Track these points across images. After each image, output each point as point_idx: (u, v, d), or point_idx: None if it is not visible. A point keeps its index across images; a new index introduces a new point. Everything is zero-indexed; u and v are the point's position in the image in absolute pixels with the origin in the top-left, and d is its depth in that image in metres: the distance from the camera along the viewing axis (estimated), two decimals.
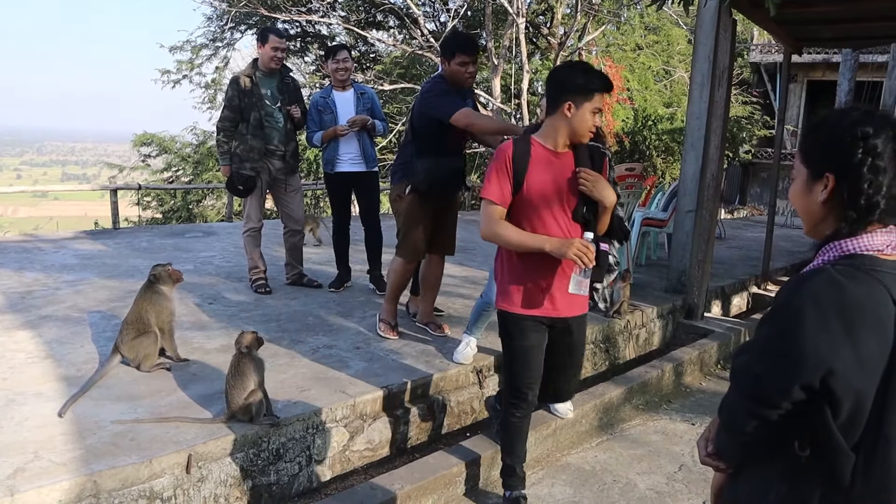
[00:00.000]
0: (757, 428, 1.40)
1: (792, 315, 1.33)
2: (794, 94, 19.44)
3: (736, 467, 1.55)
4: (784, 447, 1.40)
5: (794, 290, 1.35)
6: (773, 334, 1.37)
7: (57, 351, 3.99)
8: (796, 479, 1.39)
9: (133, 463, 2.75)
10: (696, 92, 5.90)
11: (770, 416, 1.37)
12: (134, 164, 20.17)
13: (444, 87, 4.12)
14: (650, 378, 4.61)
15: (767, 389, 1.36)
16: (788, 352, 1.32)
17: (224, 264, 6.59)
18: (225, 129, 5.32)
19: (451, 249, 4.63)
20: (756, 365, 1.39)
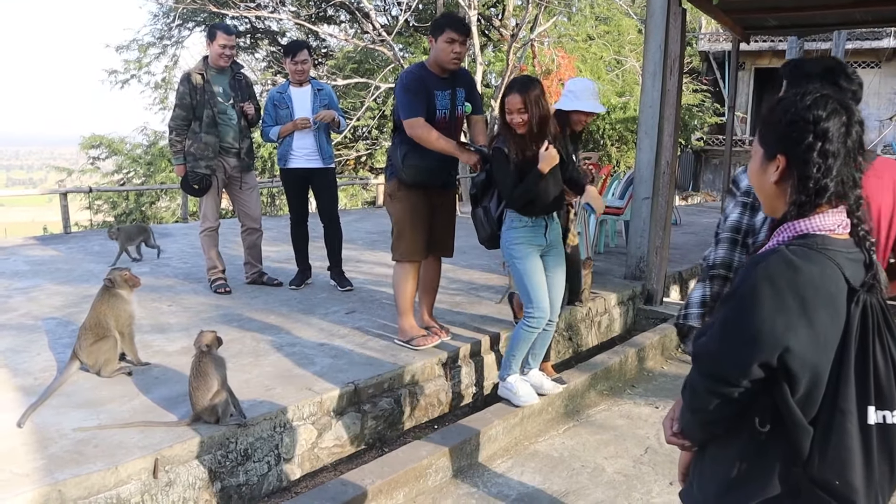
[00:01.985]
0: (718, 406, 1.44)
1: (748, 295, 1.36)
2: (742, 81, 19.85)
3: (701, 446, 1.59)
4: (745, 424, 1.44)
5: (750, 271, 1.38)
6: (731, 315, 1.40)
7: (12, 360, 3.89)
8: (757, 455, 1.43)
9: (98, 470, 2.70)
10: (648, 81, 5.99)
11: (730, 394, 1.40)
12: (83, 167, 19.65)
13: (412, 79, 4.02)
14: (613, 364, 4.68)
15: (727, 368, 1.39)
16: (745, 331, 1.36)
17: (181, 265, 6.49)
18: (178, 128, 5.23)
19: (449, 251, 4.50)
20: (715, 345, 1.43)
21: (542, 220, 3.77)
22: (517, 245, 3.75)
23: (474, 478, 3.42)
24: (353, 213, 11.46)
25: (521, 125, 3.55)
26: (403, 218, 4.21)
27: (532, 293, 3.75)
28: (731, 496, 1.46)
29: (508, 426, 3.74)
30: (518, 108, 3.52)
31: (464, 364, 4.33)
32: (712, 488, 1.51)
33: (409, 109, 3.99)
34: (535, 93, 3.52)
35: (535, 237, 3.77)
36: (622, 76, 18.27)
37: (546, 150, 3.57)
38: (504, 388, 3.96)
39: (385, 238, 8.14)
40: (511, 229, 3.76)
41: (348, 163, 18.10)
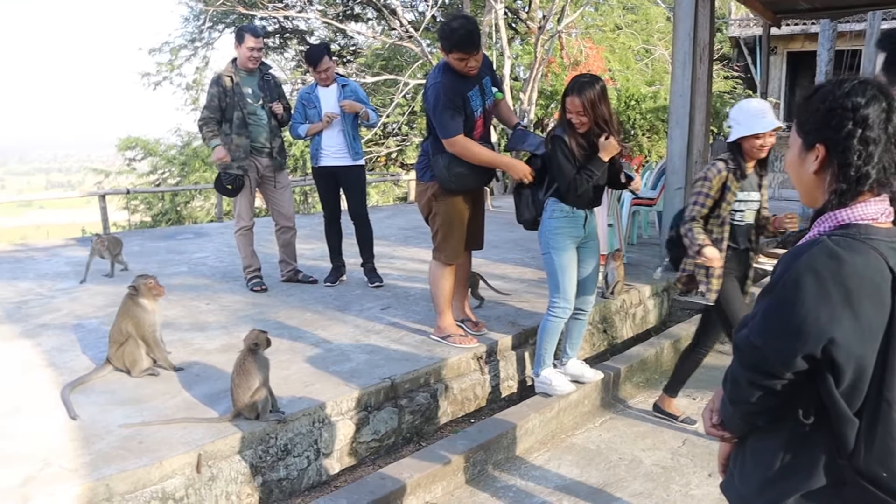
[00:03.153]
0: (760, 398, 1.43)
1: (790, 287, 1.34)
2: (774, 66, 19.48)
3: (741, 437, 1.58)
4: (788, 416, 1.42)
5: (792, 263, 1.36)
6: (773, 307, 1.39)
7: (57, 359, 3.99)
8: (801, 446, 1.42)
9: (144, 465, 2.77)
10: (678, 70, 5.93)
11: (773, 386, 1.39)
12: (119, 169, 20.01)
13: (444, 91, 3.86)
14: (649, 355, 4.65)
15: (770, 361, 1.38)
16: (789, 323, 1.34)
17: (218, 264, 6.59)
18: (206, 121, 5.31)
19: (481, 243, 4.51)
20: (757, 337, 1.41)
21: (582, 213, 3.80)
22: (556, 235, 3.78)
23: (511, 471, 3.43)
24: (384, 210, 11.52)
25: (581, 126, 3.61)
26: (450, 219, 4.16)
27: (561, 283, 3.80)
28: (774, 488, 1.45)
29: (545, 419, 3.75)
30: (577, 111, 3.57)
31: (499, 358, 4.34)
32: (755, 480, 1.50)
33: (448, 128, 3.89)
34: (594, 94, 3.54)
35: (575, 228, 3.79)
36: (651, 65, 18.07)
37: (607, 140, 3.62)
38: (539, 383, 3.98)
39: (417, 234, 8.19)
40: (552, 219, 3.79)
41: (379, 159, 18.18)
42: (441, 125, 3.91)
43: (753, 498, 1.50)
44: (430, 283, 4.35)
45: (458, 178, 4.01)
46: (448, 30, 3.83)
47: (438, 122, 3.92)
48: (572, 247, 3.81)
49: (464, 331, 4.36)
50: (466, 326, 4.46)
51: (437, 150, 4.03)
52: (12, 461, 2.78)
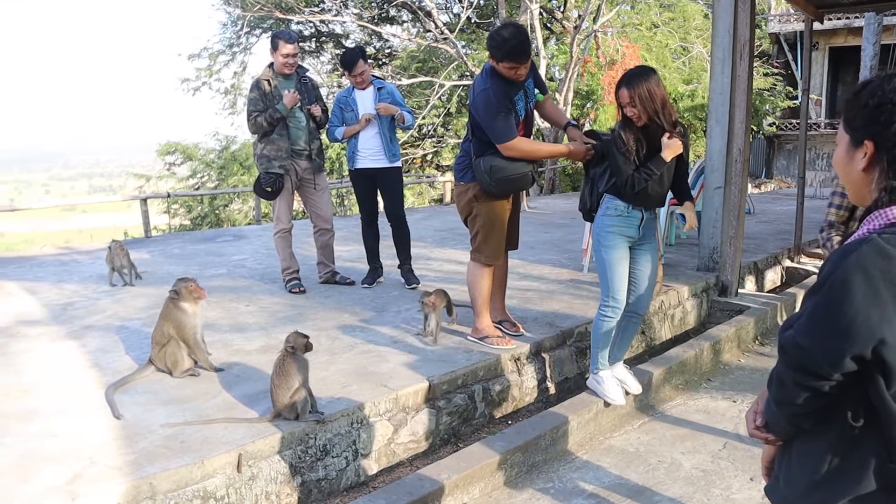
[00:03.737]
0: (807, 400, 1.40)
1: (839, 286, 1.31)
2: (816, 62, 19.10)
3: (786, 440, 1.55)
4: (836, 418, 1.39)
5: (841, 262, 1.33)
6: (821, 306, 1.35)
7: (102, 359, 4.08)
8: (850, 449, 1.38)
9: (186, 464, 2.81)
10: (717, 67, 5.84)
11: (820, 387, 1.36)
12: (159, 173, 20.40)
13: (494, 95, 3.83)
14: (688, 357, 4.59)
15: (817, 361, 1.35)
16: (837, 323, 1.31)
17: (256, 266, 6.68)
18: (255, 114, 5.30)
19: (516, 244, 4.51)
20: (804, 338, 1.38)
21: (638, 212, 3.65)
22: (608, 233, 3.67)
23: (549, 472, 3.41)
24: (420, 212, 11.55)
25: (636, 118, 3.49)
26: (492, 220, 4.15)
27: (611, 283, 3.70)
28: (821, 492, 1.42)
29: (583, 421, 3.72)
30: (627, 102, 3.46)
31: (537, 360, 4.32)
32: (801, 483, 1.47)
33: (504, 133, 3.87)
34: (644, 86, 3.40)
35: (628, 228, 3.67)
36: (689, 63, 17.83)
37: (670, 139, 3.52)
38: (593, 380, 3.91)
39: (454, 236, 8.21)
40: (605, 216, 3.68)
41: (415, 161, 18.24)
42: (495, 131, 3.87)
43: (799, 502, 1.47)
44: (469, 284, 4.34)
45: (499, 184, 4.00)
46: (500, 39, 3.78)
47: (492, 128, 3.87)
48: (623, 246, 3.69)
49: (501, 332, 4.35)
50: (504, 328, 4.45)
51: (478, 153, 4.01)
52: (60, 460, 2.85)
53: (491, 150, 3.96)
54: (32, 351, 4.26)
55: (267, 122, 5.28)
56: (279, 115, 5.28)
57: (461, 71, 16.64)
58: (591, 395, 3.92)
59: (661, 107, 3.46)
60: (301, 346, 3.24)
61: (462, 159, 4.21)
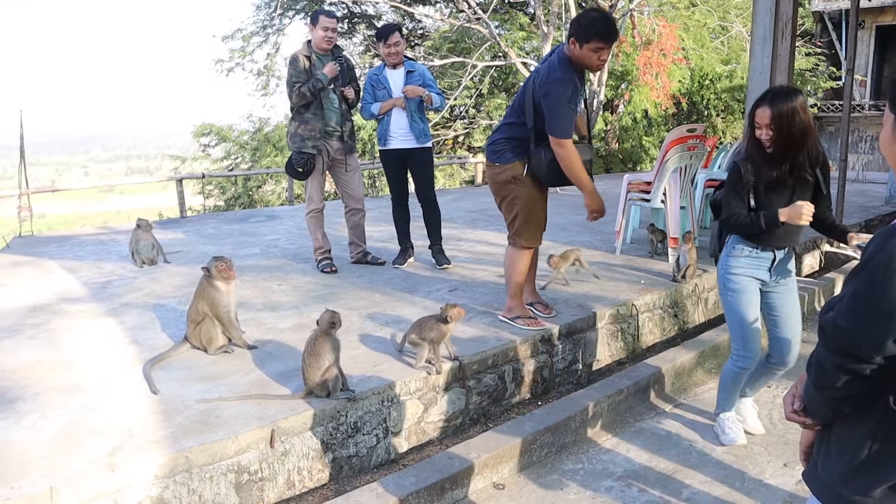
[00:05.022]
0: (847, 383, 1.37)
1: (882, 268, 1.28)
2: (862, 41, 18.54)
3: (825, 425, 1.52)
4: (877, 404, 1.36)
5: (885, 243, 1.30)
6: (863, 288, 1.33)
7: (139, 336, 4.16)
8: (891, 436, 1.36)
9: (220, 439, 2.86)
10: (757, 46, 5.73)
11: (861, 370, 1.33)
12: (194, 155, 20.62)
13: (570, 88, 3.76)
14: (722, 341, 4.53)
15: (858, 344, 1.32)
16: (880, 305, 1.28)
17: (289, 246, 6.74)
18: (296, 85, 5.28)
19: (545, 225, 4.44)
20: (846, 320, 1.35)
21: (769, 252, 3.24)
22: (732, 276, 3.28)
23: (579, 454, 3.41)
24: (451, 193, 11.54)
25: (768, 142, 3.05)
26: (531, 203, 4.12)
27: (740, 332, 3.32)
28: (860, 478, 1.40)
29: (613, 403, 3.71)
30: (766, 123, 3.02)
31: (567, 341, 4.31)
32: (839, 469, 1.45)
33: (565, 129, 3.80)
34: (789, 107, 2.97)
35: (757, 270, 3.26)
36: (727, 43, 17.47)
37: (800, 206, 3.04)
38: (716, 423, 3.65)
39: (485, 217, 8.19)
40: (730, 256, 3.30)
41: (446, 142, 18.20)
42: (558, 122, 3.78)
43: (837, 487, 1.45)
44: (506, 266, 4.31)
45: (552, 174, 3.97)
46: (589, 19, 3.74)
47: (557, 119, 3.77)
48: (752, 289, 3.28)
49: (533, 313, 4.34)
50: (536, 309, 4.44)
51: (538, 142, 3.94)
52: (100, 433, 2.92)
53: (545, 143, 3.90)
54: (73, 328, 4.36)
55: (310, 92, 5.29)
56: (322, 84, 5.29)
57: (494, 52, 16.50)
58: (620, 379, 3.91)
59: (803, 135, 3.03)
60: (330, 322, 3.26)
61: (499, 142, 4.11)
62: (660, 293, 5.02)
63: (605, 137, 16.51)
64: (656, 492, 3.08)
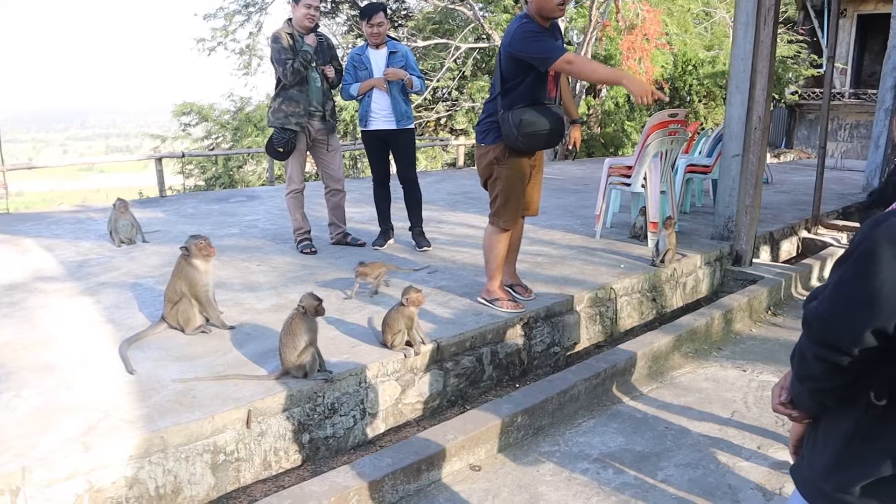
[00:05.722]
0: (827, 375, 1.36)
1: (865, 257, 1.27)
2: (843, 30, 18.68)
3: (812, 418, 1.51)
4: (861, 396, 1.34)
5: (870, 231, 1.28)
6: (846, 278, 1.31)
7: (116, 315, 4.12)
8: (872, 430, 1.34)
9: (196, 419, 2.85)
10: (740, 32, 5.73)
11: (840, 361, 1.31)
12: (175, 134, 20.40)
13: (534, 26, 3.77)
14: (699, 325, 4.58)
15: (837, 334, 1.30)
16: (861, 295, 1.26)
17: (269, 227, 6.70)
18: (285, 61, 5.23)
19: (536, 210, 4.43)
20: (826, 310, 1.34)
21: None
22: None
23: (555, 436, 3.44)
24: (433, 175, 11.50)
25: None
26: (512, 184, 4.09)
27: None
28: (842, 473, 1.38)
29: (590, 386, 3.73)
30: None
31: (545, 324, 4.33)
32: (822, 464, 1.43)
33: (554, 49, 3.70)
34: None
35: None
36: (711, 29, 17.51)
37: None
38: None
39: (466, 199, 8.18)
40: None
41: (428, 124, 18.13)
42: (543, 49, 3.71)
43: (819, 483, 1.43)
44: (485, 247, 4.32)
45: (527, 139, 3.91)
46: None
47: (539, 48, 3.72)
48: None
49: (512, 296, 4.35)
50: (515, 292, 4.45)
51: (507, 107, 3.92)
52: (75, 411, 2.90)
53: (520, 103, 3.89)
54: (49, 306, 4.31)
55: (302, 66, 5.24)
56: (310, 55, 5.26)
57: (477, 34, 16.41)
58: (598, 362, 3.93)
59: None
60: (312, 308, 3.25)
61: (485, 121, 4.11)
62: (639, 277, 5.05)
63: (588, 122, 16.52)
64: (632, 473, 3.11)
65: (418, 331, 3.63)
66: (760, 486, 3.03)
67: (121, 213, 5.94)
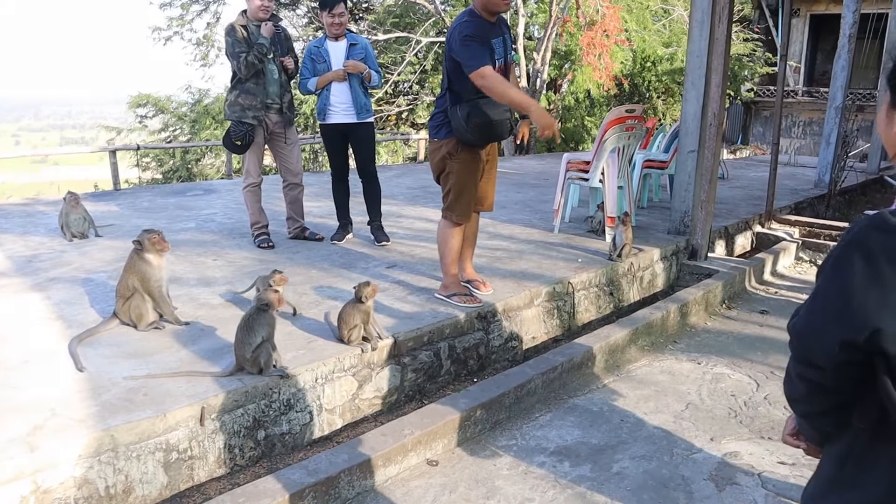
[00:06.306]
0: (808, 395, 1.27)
1: (834, 265, 1.18)
2: (796, 28, 19.09)
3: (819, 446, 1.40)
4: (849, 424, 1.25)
5: (844, 237, 1.18)
6: (819, 289, 1.22)
7: (66, 312, 4.03)
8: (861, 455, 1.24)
9: (148, 417, 2.80)
10: (695, 29, 5.81)
11: (818, 379, 1.22)
12: (131, 126, 19.99)
13: (471, 28, 3.81)
14: (655, 319, 4.64)
15: (810, 348, 1.22)
16: (830, 307, 1.17)
17: (226, 221, 6.60)
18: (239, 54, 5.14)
19: (491, 206, 4.44)
20: (800, 324, 1.25)
21: None
22: None
23: (513, 430, 3.45)
24: (394, 169, 11.46)
25: None
26: (464, 178, 4.09)
27: None
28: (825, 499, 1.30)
29: (547, 380, 3.76)
30: None
31: (503, 318, 4.35)
32: (810, 487, 1.35)
33: (477, 58, 3.76)
34: None
35: None
36: (669, 26, 17.74)
37: None
38: None
39: (426, 194, 8.17)
40: None
41: (389, 118, 18.05)
42: (467, 57, 3.78)
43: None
44: (438, 242, 4.32)
45: (475, 131, 3.92)
46: None
47: (465, 55, 3.78)
48: None
49: (469, 290, 4.36)
50: (473, 286, 4.45)
51: (455, 101, 3.95)
52: (20, 411, 2.82)
53: (467, 97, 3.91)
54: None
55: (257, 59, 5.16)
56: (265, 48, 5.18)
57: (438, 28, 16.39)
58: (555, 356, 3.95)
59: None
60: (274, 301, 3.22)
61: (437, 115, 4.14)
62: (596, 272, 5.10)
63: None
64: (587, 466, 3.14)
65: (375, 325, 3.62)
66: (713, 476, 3.08)
67: (72, 207, 5.80)
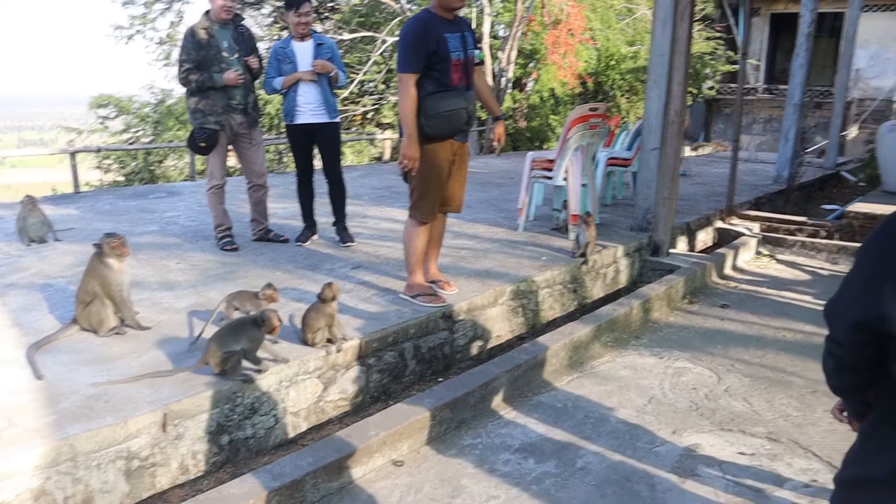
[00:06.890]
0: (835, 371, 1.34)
1: (861, 250, 1.25)
2: (757, 27, 19.39)
3: None
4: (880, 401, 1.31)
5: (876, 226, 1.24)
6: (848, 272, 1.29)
7: (23, 318, 3.95)
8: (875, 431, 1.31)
9: (109, 424, 2.76)
10: (658, 28, 5.89)
11: (841, 355, 1.29)
12: (92, 127, 19.60)
13: (417, 30, 3.90)
14: (618, 315, 4.69)
15: (834, 325, 1.29)
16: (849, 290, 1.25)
17: (189, 223, 6.52)
18: (189, 71, 5.11)
19: (460, 207, 4.44)
20: (831, 304, 1.32)
21: None
22: None
23: (478, 429, 3.47)
24: (359, 169, 11.42)
25: None
26: (428, 177, 4.11)
27: None
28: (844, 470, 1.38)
29: (512, 378, 3.78)
30: None
31: (468, 317, 4.36)
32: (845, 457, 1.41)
33: (404, 63, 3.92)
34: None
35: None
36: (633, 25, 17.89)
37: None
38: None
39: (391, 194, 8.15)
40: None
41: (355, 118, 17.98)
42: (402, 56, 3.92)
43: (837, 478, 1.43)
44: (404, 241, 4.32)
45: (432, 122, 3.96)
46: None
47: (401, 53, 3.93)
48: None
49: (433, 290, 4.37)
50: (438, 286, 4.46)
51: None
52: None
53: (425, 91, 3.95)
54: None
55: (196, 85, 5.13)
56: (212, 83, 5.14)
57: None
58: (519, 354, 3.98)
59: None
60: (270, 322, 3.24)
61: None
62: (560, 269, 5.14)
63: (514, 115, 16.69)
64: (552, 462, 3.18)
65: (339, 327, 3.61)
66: (675, 468, 3.14)
67: (30, 211, 5.68)
